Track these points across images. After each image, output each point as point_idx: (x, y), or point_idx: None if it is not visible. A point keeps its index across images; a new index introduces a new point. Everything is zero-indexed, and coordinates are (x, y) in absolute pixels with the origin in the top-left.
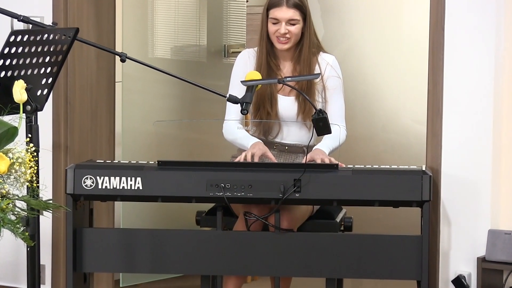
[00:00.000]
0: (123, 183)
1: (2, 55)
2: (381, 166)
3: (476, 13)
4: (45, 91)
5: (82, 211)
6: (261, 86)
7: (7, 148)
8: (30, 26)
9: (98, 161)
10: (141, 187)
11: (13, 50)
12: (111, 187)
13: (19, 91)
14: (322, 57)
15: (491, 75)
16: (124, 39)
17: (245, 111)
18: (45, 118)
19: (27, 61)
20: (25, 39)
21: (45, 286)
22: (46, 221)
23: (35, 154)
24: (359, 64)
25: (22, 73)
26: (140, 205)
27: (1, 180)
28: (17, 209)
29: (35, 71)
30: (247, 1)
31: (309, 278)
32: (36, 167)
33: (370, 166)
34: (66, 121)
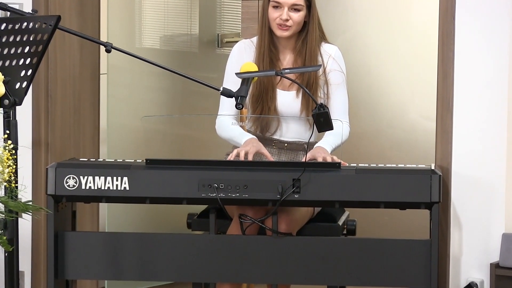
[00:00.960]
0: (109, 183)
1: None
2: (387, 165)
3: None
4: (24, 84)
5: (64, 213)
6: (258, 78)
7: None
8: (8, 13)
9: (81, 159)
10: (127, 188)
11: None
12: (96, 187)
13: None
14: (324, 48)
15: (506, 66)
16: (109, 27)
17: (240, 105)
18: (24, 113)
19: (5, 51)
20: (2, 27)
21: None
22: (25, 224)
23: (13, 151)
24: (363, 55)
25: (0, 64)
26: (127, 207)
27: None
28: None
29: (14, 63)
30: None
31: (309, 286)
32: (14, 166)
33: (375, 165)
34: (46, 116)
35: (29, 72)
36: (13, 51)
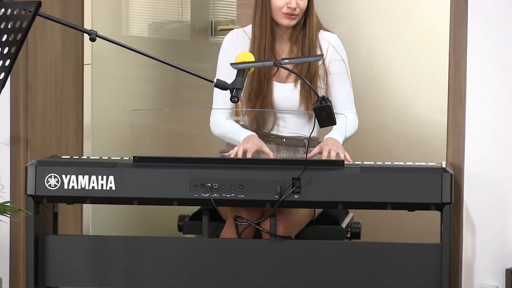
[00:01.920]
0: (93, 182)
1: None
2: (394, 162)
3: None
4: (2, 75)
5: (45, 215)
6: (254, 69)
7: None
8: None
9: (63, 156)
10: (113, 187)
11: None
12: (79, 187)
13: None
14: (323, 35)
15: None
16: (94, 14)
17: (235, 98)
18: (1, 107)
19: None
20: None
21: None
22: (3, 226)
23: None
24: (366, 44)
25: None
26: (113, 208)
27: None
28: None
29: None
30: None
31: None
32: None
33: (381, 162)
34: (26, 110)
35: (7, 63)
36: None
